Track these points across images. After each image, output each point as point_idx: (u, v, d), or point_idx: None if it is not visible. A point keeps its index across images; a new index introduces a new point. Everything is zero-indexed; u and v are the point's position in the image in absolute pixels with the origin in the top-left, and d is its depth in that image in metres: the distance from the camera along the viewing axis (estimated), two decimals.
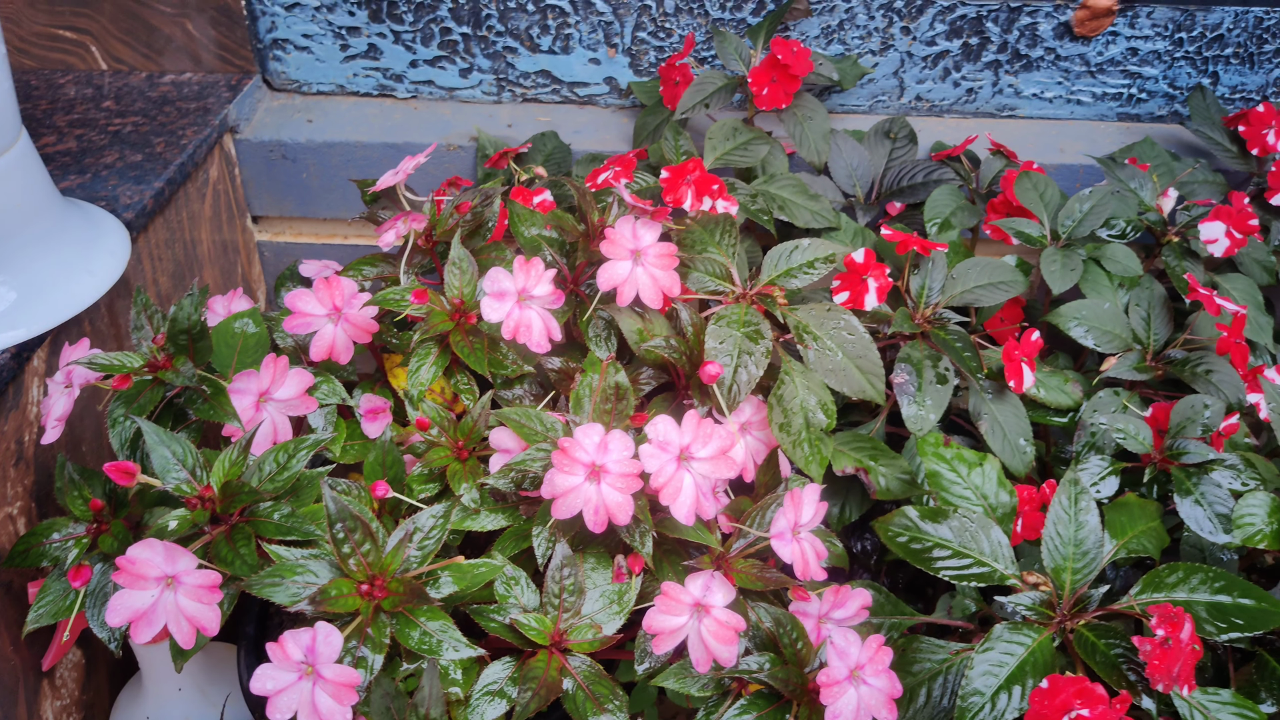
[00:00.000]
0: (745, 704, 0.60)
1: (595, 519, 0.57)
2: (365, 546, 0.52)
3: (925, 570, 0.64)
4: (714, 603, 0.59)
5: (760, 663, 0.60)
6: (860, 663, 0.58)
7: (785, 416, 0.68)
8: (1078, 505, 0.64)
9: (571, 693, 0.57)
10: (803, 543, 0.63)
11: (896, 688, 0.60)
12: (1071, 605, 0.62)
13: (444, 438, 0.65)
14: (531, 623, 0.57)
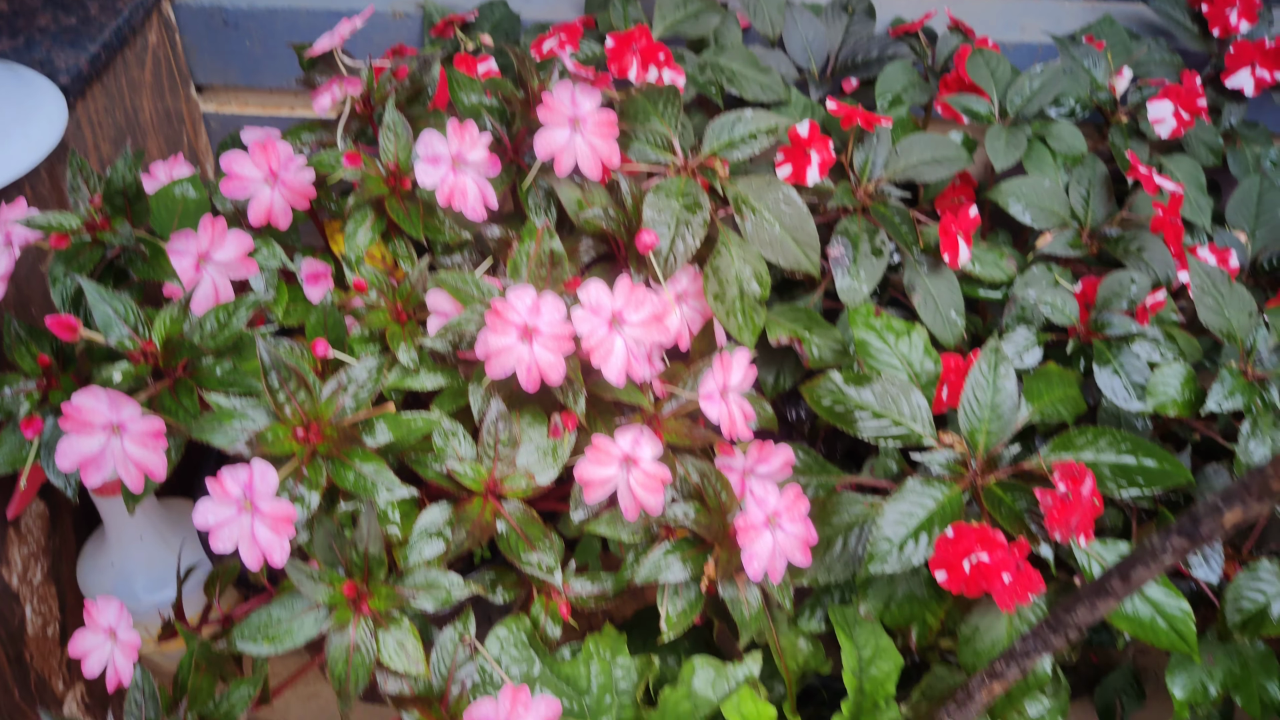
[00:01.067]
0: (671, 547, 0.66)
1: (528, 378, 0.62)
2: (301, 395, 0.56)
3: (848, 431, 0.69)
4: (642, 456, 0.64)
5: (686, 511, 0.66)
6: (777, 510, 0.64)
7: (720, 287, 0.72)
8: (997, 371, 0.68)
9: (505, 534, 0.62)
10: (731, 404, 0.68)
11: (812, 534, 0.65)
12: (984, 464, 0.68)
13: (383, 301, 0.68)
14: (467, 471, 0.62)
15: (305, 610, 0.59)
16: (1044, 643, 0.50)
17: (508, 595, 0.71)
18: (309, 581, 0.58)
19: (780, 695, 0.80)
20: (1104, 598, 0.46)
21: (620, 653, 0.71)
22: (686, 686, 0.71)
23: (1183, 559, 0.42)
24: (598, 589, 0.71)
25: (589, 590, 0.71)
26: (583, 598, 0.71)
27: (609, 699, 0.70)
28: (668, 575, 0.66)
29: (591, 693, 0.70)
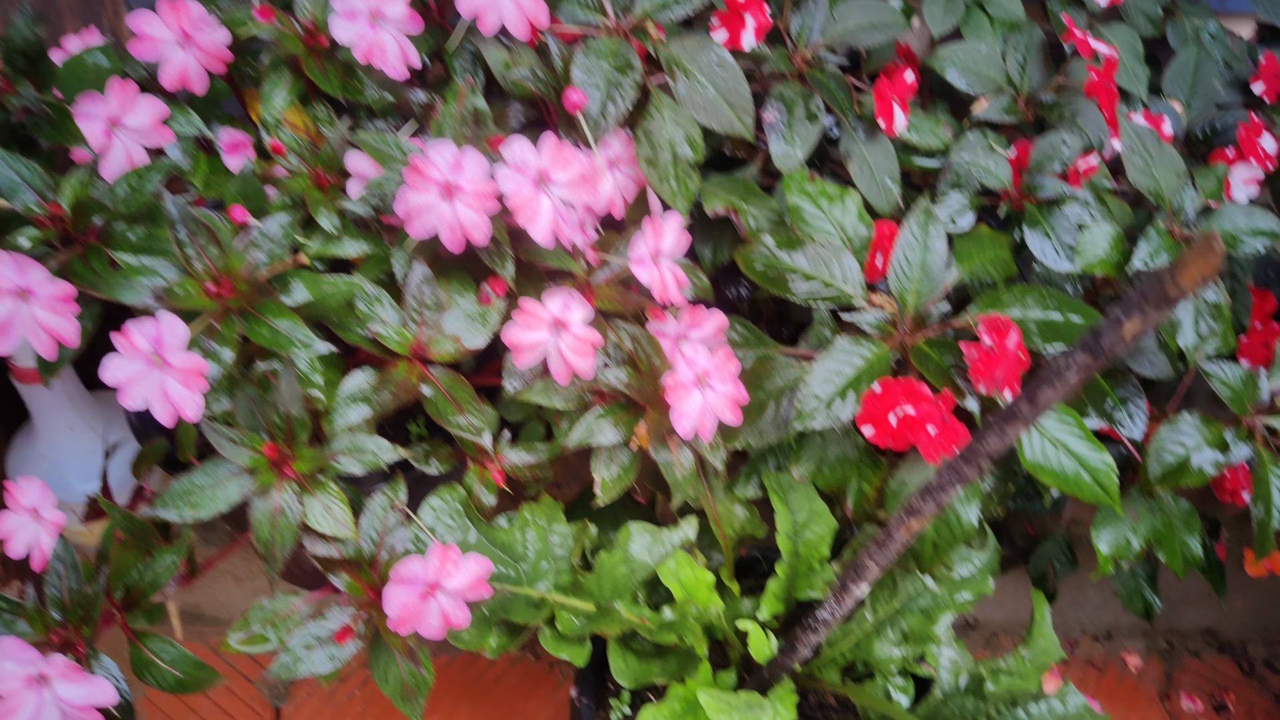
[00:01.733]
0: (603, 411, 0.66)
1: (451, 237, 0.61)
2: (212, 250, 0.54)
3: (780, 294, 0.69)
4: (572, 319, 0.64)
5: (618, 375, 0.66)
6: (707, 370, 0.64)
7: (653, 151, 0.71)
8: (927, 231, 0.69)
9: (431, 398, 0.62)
10: (663, 268, 0.67)
11: (742, 393, 0.66)
12: (913, 323, 0.68)
13: (303, 167, 0.66)
14: (392, 334, 0.61)
15: (229, 476, 0.59)
16: (957, 474, 0.51)
17: (442, 466, 0.71)
18: (230, 445, 0.57)
19: (719, 564, 0.81)
20: (1013, 422, 0.46)
21: (557, 520, 0.72)
22: (623, 551, 0.72)
23: (1087, 377, 0.43)
24: (533, 458, 0.71)
25: (524, 460, 0.71)
26: (518, 467, 0.71)
27: (545, 565, 0.71)
28: (600, 438, 0.66)
29: (528, 559, 0.71)
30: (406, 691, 0.65)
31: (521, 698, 1.00)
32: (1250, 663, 1.08)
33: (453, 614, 0.61)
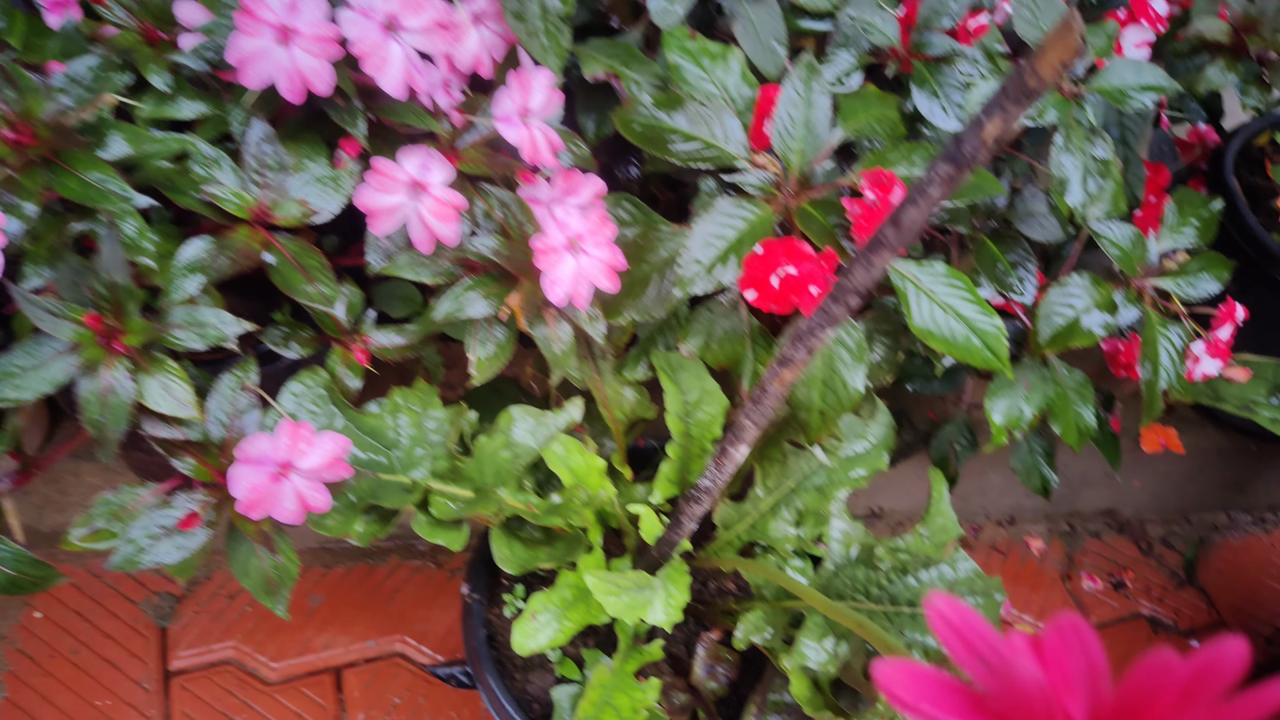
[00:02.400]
0: (472, 282, 0.62)
1: (290, 87, 0.55)
2: (8, 92, 0.49)
3: (660, 154, 0.65)
4: (432, 181, 0.59)
5: (488, 243, 0.62)
6: (580, 233, 0.60)
7: (519, 3, 0.66)
8: (810, 88, 0.65)
9: (277, 266, 0.57)
10: (532, 128, 0.63)
11: (619, 260, 0.62)
12: (797, 184, 0.65)
13: (131, 20, 0.60)
14: (229, 196, 0.56)
15: (55, 355, 0.53)
16: (826, 315, 0.48)
17: (304, 350, 0.66)
18: (48, 317, 0.52)
19: (611, 451, 0.79)
20: (879, 251, 0.44)
21: (432, 406, 0.68)
22: (505, 435, 0.69)
23: (950, 189, 0.40)
24: (402, 339, 0.67)
25: (393, 341, 0.67)
26: (386, 349, 0.67)
27: (421, 451, 0.67)
28: (469, 310, 0.62)
29: (401, 445, 0.67)
30: (269, 584, 0.61)
31: (423, 606, 0.98)
32: (1148, 541, 1.11)
33: (310, 496, 0.57)
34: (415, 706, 0.92)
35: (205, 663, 0.92)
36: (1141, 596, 1.07)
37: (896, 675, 0.24)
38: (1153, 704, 0.23)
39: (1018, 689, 0.23)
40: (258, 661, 0.93)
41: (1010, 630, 0.23)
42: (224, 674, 0.92)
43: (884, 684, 0.24)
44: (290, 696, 0.92)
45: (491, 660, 0.79)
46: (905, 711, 0.24)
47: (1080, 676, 0.23)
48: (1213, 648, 0.22)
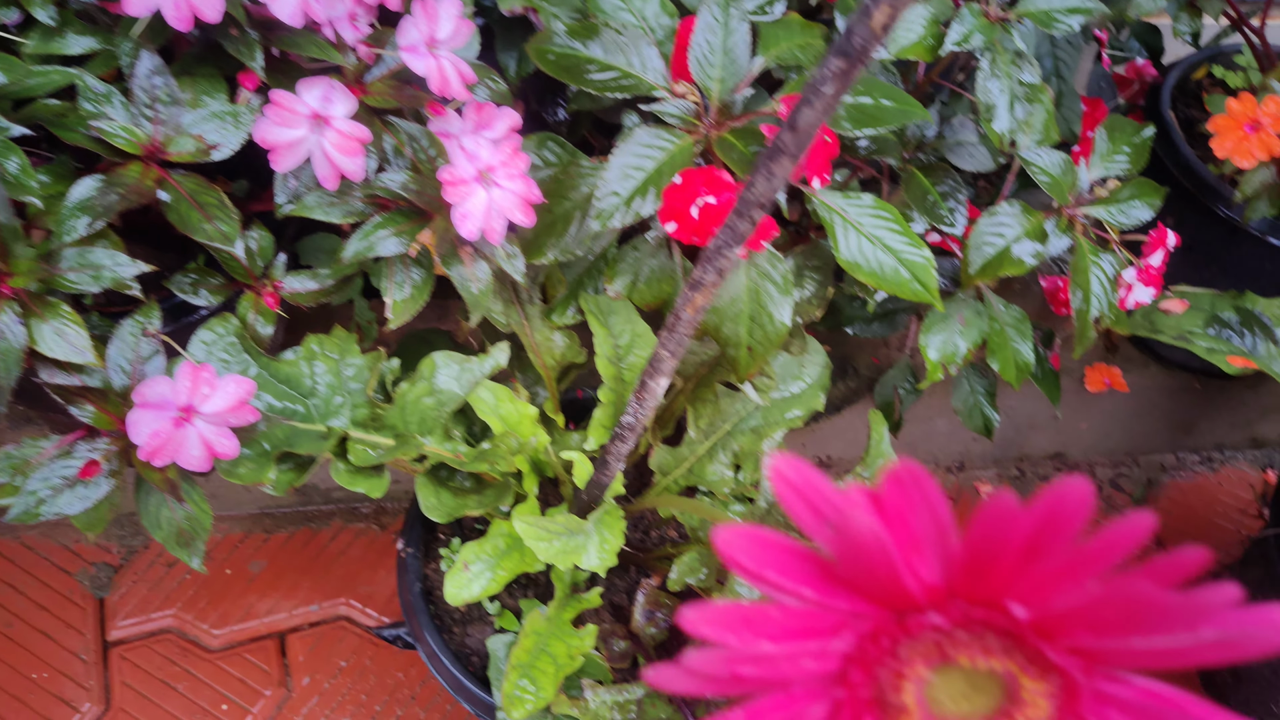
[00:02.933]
0: (383, 219, 0.60)
1: (178, 15, 0.53)
2: None
3: (576, 84, 0.63)
4: (334, 113, 0.57)
5: (398, 179, 0.60)
6: (491, 165, 0.59)
7: None
8: (728, 13, 0.63)
9: (173, 203, 0.55)
10: (440, 59, 0.61)
11: (534, 192, 0.61)
12: (717, 114, 0.63)
13: None
14: (119, 131, 0.54)
15: None
16: (733, 233, 0.46)
17: (213, 298, 0.64)
18: None
19: (544, 399, 0.77)
20: (778, 159, 0.42)
21: (350, 353, 0.66)
22: (428, 382, 0.67)
23: (844, 86, 0.38)
24: (316, 284, 0.65)
25: (307, 286, 0.65)
26: (299, 294, 0.65)
27: (340, 399, 0.65)
28: (381, 249, 0.60)
29: (319, 394, 0.65)
30: (182, 536, 0.59)
31: (367, 569, 0.96)
32: (1097, 484, 1.10)
33: (216, 443, 0.55)
34: (361, 668, 0.91)
35: (145, 632, 0.91)
36: None
37: (738, 541, 0.22)
38: (1001, 555, 0.22)
39: (859, 548, 0.22)
40: (199, 629, 0.91)
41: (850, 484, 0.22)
42: (165, 642, 0.90)
43: (725, 551, 0.22)
44: (233, 663, 0.90)
45: (428, 615, 0.77)
46: (749, 579, 0.23)
47: (925, 531, 0.22)
48: (1054, 490, 0.21)
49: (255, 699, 0.88)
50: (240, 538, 0.95)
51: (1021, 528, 0.21)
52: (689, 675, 0.23)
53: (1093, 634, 0.22)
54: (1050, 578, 0.22)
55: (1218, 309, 0.81)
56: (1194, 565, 0.20)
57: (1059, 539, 0.21)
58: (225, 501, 0.95)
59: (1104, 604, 0.21)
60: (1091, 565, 0.21)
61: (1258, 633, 0.21)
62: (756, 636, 0.23)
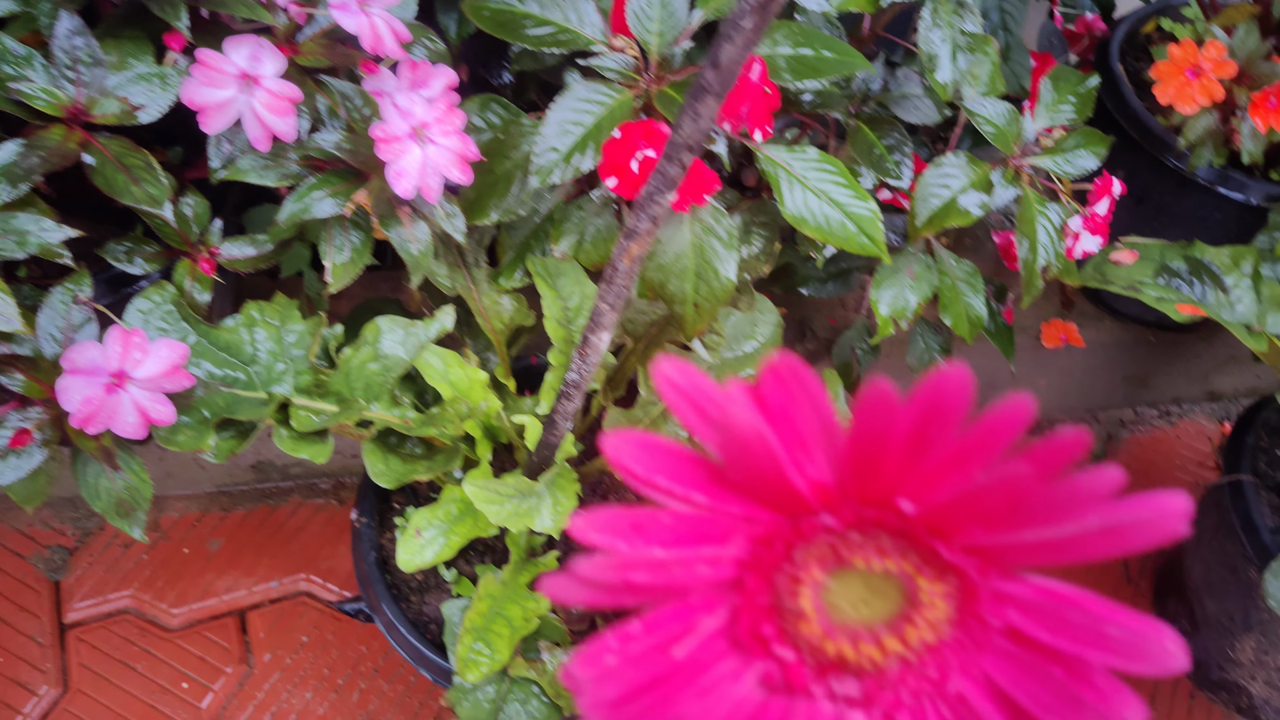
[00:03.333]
0: (319, 180, 0.60)
1: None
2: None
3: (513, 40, 0.62)
4: (263, 73, 0.56)
5: (330, 139, 0.59)
6: (425, 121, 0.58)
7: None
8: None
9: (98, 167, 0.54)
10: (373, 16, 0.60)
11: (471, 149, 0.60)
12: (658, 68, 0.63)
13: None
14: (39, 94, 0.53)
15: None
16: (663, 178, 0.46)
17: (149, 266, 0.63)
18: None
19: (495, 364, 0.77)
20: (702, 98, 0.42)
21: (291, 319, 0.65)
22: (372, 348, 0.66)
23: (765, 19, 0.38)
24: (254, 250, 0.64)
25: (244, 251, 0.64)
26: (237, 260, 0.64)
27: (282, 366, 0.65)
28: (316, 210, 0.59)
29: (260, 361, 0.64)
30: (122, 506, 0.58)
31: (328, 544, 0.95)
32: None
33: (152, 409, 0.54)
34: (323, 643, 0.91)
35: (103, 613, 0.90)
36: None
37: (626, 446, 0.22)
38: (885, 450, 0.22)
39: (743, 446, 0.21)
40: (158, 609, 0.90)
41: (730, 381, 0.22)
42: (123, 623, 0.89)
43: (613, 457, 0.22)
44: (193, 641, 0.89)
45: (384, 585, 0.77)
46: (638, 486, 0.23)
47: (808, 425, 0.22)
48: (932, 379, 0.20)
49: (216, 677, 0.87)
50: (197, 516, 0.94)
51: (903, 420, 0.21)
52: (581, 584, 0.23)
53: (983, 528, 0.22)
54: (936, 472, 0.22)
55: (1167, 259, 0.82)
56: (1074, 448, 0.20)
57: (942, 430, 0.21)
58: (181, 480, 0.94)
59: (988, 494, 0.21)
60: (976, 456, 0.21)
61: (1143, 520, 0.21)
62: (648, 543, 0.23)
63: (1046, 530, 0.21)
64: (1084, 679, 0.24)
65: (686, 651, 0.24)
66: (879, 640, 0.24)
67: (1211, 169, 0.85)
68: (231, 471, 0.95)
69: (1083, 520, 0.21)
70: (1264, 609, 0.90)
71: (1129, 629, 0.23)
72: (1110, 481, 0.20)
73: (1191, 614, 1.00)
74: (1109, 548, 0.22)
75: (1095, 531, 0.21)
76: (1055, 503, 0.21)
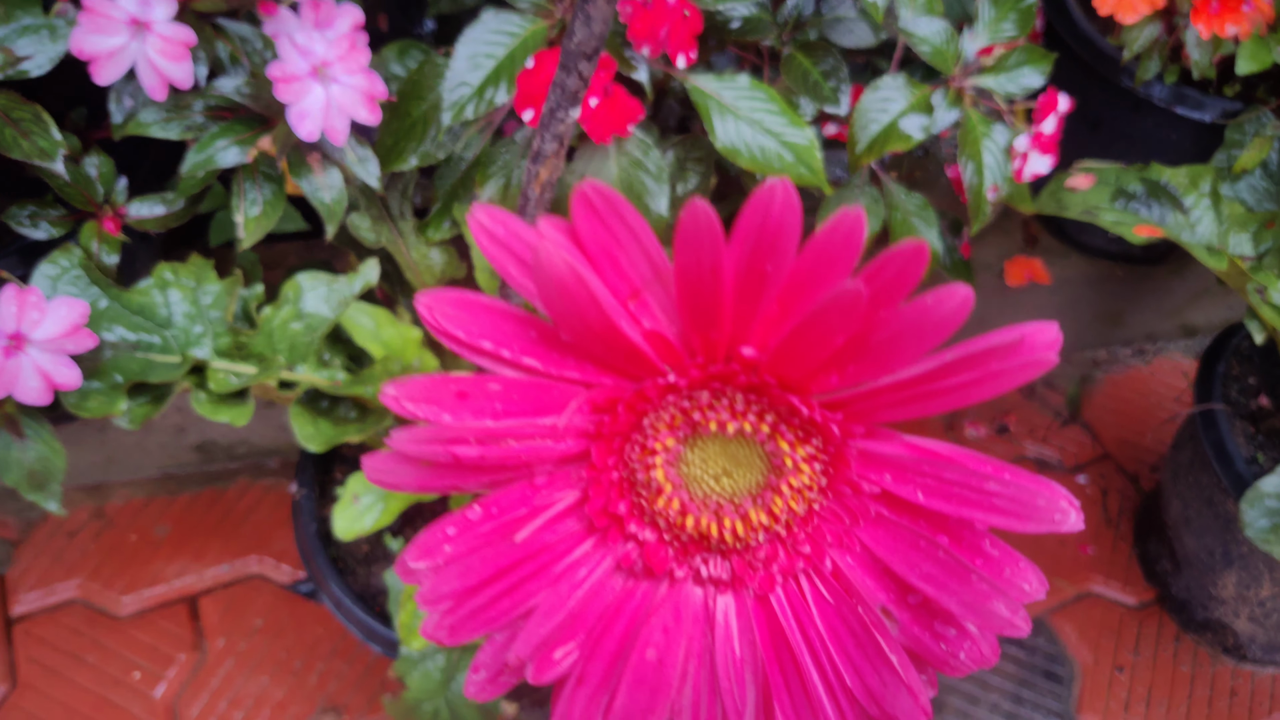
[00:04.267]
0: (222, 128, 0.58)
1: None
2: None
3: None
4: (154, 18, 0.54)
5: (230, 84, 0.57)
6: (327, 60, 0.56)
7: None
8: None
9: None
10: None
11: (377, 87, 0.58)
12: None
13: None
14: None
15: None
16: (562, 92, 0.44)
17: (55, 230, 0.61)
18: None
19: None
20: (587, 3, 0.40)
21: (208, 280, 0.63)
22: (293, 306, 0.64)
23: None
24: (164, 208, 0.62)
25: (154, 211, 0.62)
26: (146, 220, 0.62)
27: (199, 328, 0.63)
28: (221, 159, 0.58)
29: (176, 324, 0.62)
30: (34, 478, 0.57)
31: (279, 525, 0.94)
32: (1030, 385, 1.10)
33: (55, 372, 0.52)
34: (279, 626, 0.89)
35: (49, 605, 0.88)
36: (1026, 439, 1.07)
37: (441, 305, 0.20)
38: (718, 291, 0.20)
39: (561, 289, 0.20)
40: (106, 598, 0.89)
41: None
42: (71, 614, 0.88)
43: (428, 318, 0.21)
44: (144, 629, 0.87)
45: (327, 557, 0.75)
46: (461, 351, 0.21)
47: (634, 264, 0.20)
48: (753, 204, 0.19)
49: (168, 664, 0.85)
50: (144, 503, 0.92)
51: (732, 252, 0.19)
52: (405, 463, 0.21)
53: (836, 373, 0.21)
54: (777, 314, 0.20)
55: (1123, 182, 0.80)
56: (910, 258, 0.19)
57: (775, 260, 0.19)
58: (124, 465, 0.92)
59: (827, 325, 0.20)
60: (811, 287, 0.19)
61: (1005, 347, 0.20)
62: (477, 415, 0.21)
63: (902, 368, 0.20)
64: (972, 547, 0.23)
65: (530, 534, 0.22)
66: (744, 514, 0.23)
67: (1166, 88, 0.84)
68: (175, 454, 0.93)
69: (942, 355, 0.20)
70: (1242, 541, 0.89)
71: (1013, 484, 0.22)
72: (959, 299, 0.19)
73: (1173, 553, 0.99)
74: (975, 388, 0.20)
75: (954, 364, 0.20)
76: (903, 331, 0.19)
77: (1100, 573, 1.01)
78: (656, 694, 0.23)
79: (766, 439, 0.22)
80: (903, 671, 0.22)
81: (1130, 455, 1.07)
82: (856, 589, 0.23)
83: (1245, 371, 0.91)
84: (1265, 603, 0.92)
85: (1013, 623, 0.22)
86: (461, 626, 0.22)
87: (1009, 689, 0.94)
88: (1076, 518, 0.22)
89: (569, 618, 0.22)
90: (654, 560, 0.23)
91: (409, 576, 0.22)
